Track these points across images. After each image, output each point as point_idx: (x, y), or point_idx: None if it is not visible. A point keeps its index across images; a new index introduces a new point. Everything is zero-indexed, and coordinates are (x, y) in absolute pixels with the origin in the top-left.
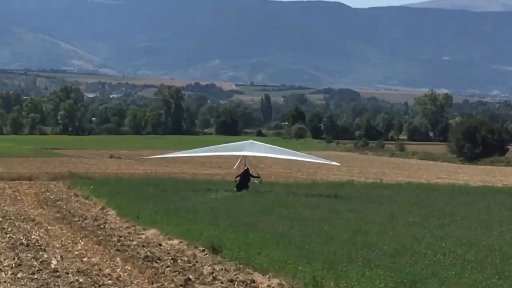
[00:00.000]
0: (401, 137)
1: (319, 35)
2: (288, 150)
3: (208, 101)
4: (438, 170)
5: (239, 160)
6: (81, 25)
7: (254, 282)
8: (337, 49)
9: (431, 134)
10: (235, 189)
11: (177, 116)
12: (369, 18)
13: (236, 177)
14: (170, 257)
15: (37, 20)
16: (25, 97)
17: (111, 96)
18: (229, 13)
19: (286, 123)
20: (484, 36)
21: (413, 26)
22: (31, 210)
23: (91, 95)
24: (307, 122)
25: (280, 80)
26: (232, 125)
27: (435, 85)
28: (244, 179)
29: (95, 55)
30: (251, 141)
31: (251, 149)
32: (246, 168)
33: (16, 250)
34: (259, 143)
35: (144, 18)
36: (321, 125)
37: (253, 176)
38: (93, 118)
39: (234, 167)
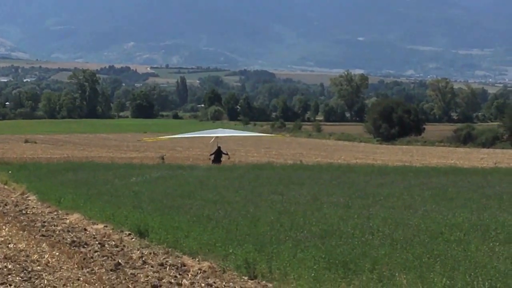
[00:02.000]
0: (318, 118)
1: (234, 16)
2: (245, 131)
3: (123, 84)
4: (355, 150)
5: (212, 140)
6: None
7: (184, 265)
8: (252, 31)
9: (347, 114)
10: (212, 163)
11: (92, 100)
12: None
13: (211, 155)
14: (97, 242)
15: None
16: None
17: (24, 80)
18: None
19: (203, 105)
20: (399, 17)
21: (328, 6)
22: None
23: (4, 80)
24: (224, 104)
25: (195, 62)
26: (148, 108)
27: (350, 65)
28: (217, 156)
29: (7, 38)
30: (221, 129)
31: (222, 132)
32: (218, 147)
33: None
34: (227, 129)
35: (57, 1)
36: (238, 107)
37: (224, 154)
38: (7, 103)
39: (211, 142)
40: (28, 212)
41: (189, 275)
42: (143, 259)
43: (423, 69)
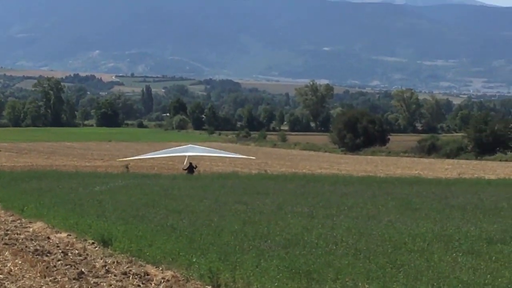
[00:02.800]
0: (283, 127)
1: (200, 26)
2: (216, 150)
3: (88, 93)
4: (320, 160)
5: (186, 159)
6: None
7: (148, 274)
8: (218, 40)
9: (312, 124)
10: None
11: (57, 108)
12: (250, 8)
13: (184, 169)
14: (60, 251)
15: None
16: None
17: None
18: (109, 3)
19: (168, 114)
20: (364, 27)
21: (293, 17)
22: None
23: None
24: (189, 113)
25: (161, 71)
26: (113, 116)
27: (316, 75)
28: (191, 171)
29: None
30: (191, 145)
31: (193, 150)
32: (190, 163)
33: None
34: (197, 146)
35: (22, 9)
36: (203, 116)
37: (194, 168)
38: None
39: (184, 164)
40: None
41: (152, 284)
42: (107, 268)
43: (388, 80)
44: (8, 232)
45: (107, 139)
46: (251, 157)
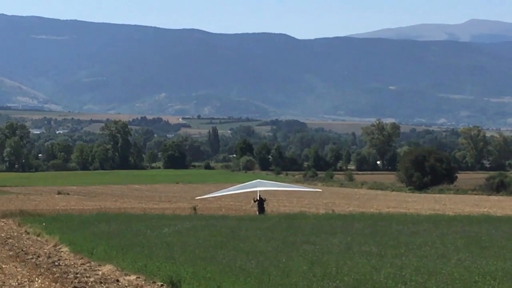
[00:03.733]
0: (350, 167)
1: (265, 67)
2: (284, 183)
3: (155, 135)
4: (388, 199)
5: (257, 193)
6: (25, 62)
7: None
8: (283, 81)
9: (379, 163)
10: (257, 213)
11: (124, 151)
12: (315, 49)
13: (254, 201)
14: None
15: None
16: None
17: (57, 132)
18: (174, 46)
19: (234, 155)
20: (429, 65)
21: (359, 56)
22: None
23: (37, 132)
24: (255, 154)
25: (227, 112)
26: (180, 158)
27: (382, 114)
28: (261, 205)
29: (40, 91)
30: (259, 180)
31: (262, 185)
32: (260, 197)
33: None
34: (265, 181)
35: (89, 53)
36: (269, 156)
37: (264, 200)
38: (40, 155)
39: (254, 199)
40: (60, 264)
41: None
42: None
43: (454, 117)
44: (78, 275)
45: (174, 181)
46: (318, 190)
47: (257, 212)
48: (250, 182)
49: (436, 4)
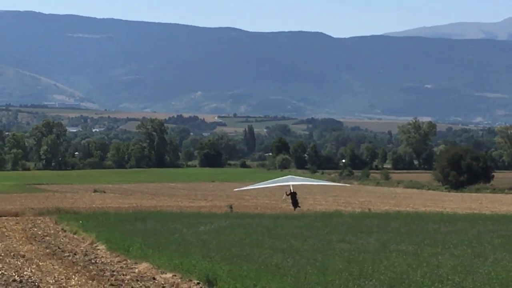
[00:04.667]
0: (386, 166)
1: (301, 65)
2: (314, 179)
3: (191, 134)
4: (424, 198)
5: (290, 187)
6: (62, 60)
7: None
8: (319, 79)
9: (415, 162)
10: (293, 209)
11: (160, 149)
12: (351, 48)
13: (287, 194)
14: None
15: (18, 55)
16: (7, 133)
17: (93, 130)
18: (210, 44)
19: (270, 154)
20: (466, 64)
21: (395, 54)
22: (20, 246)
23: (73, 130)
24: (291, 153)
25: (263, 111)
26: (216, 157)
27: (418, 113)
28: (294, 200)
29: (76, 89)
30: (291, 176)
31: (293, 180)
32: (293, 192)
33: (10, 287)
34: (297, 177)
35: (125, 52)
36: (305, 155)
37: (296, 194)
38: (76, 153)
39: (287, 193)
40: (97, 261)
41: None
42: None
43: (491, 116)
44: (114, 273)
45: (210, 179)
46: (346, 184)
47: (293, 208)
48: (283, 177)
49: (473, 2)
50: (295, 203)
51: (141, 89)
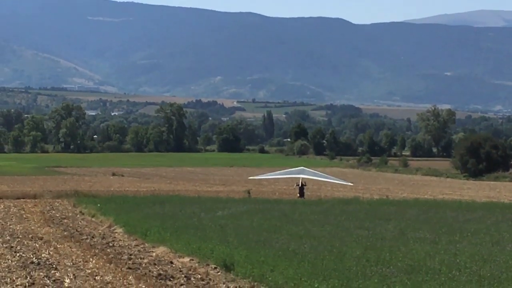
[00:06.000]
0: (404, 153)
1: (321, 51)
2: (324, 174)
3: (210, 118)
4: (442, 186)
5: (300, 180)
6: (81, 43)
7: None
8: (338, 65)
9: (434, 150)
10: (298, 196)
11: (179, 134)
12: (371, 34)
13: (295, 187)
14: (183, 275)
15: (38, 38)
16: (26, 115)
17: (112, 113)
18: (230, 29)
19: (289, 139)
20: (486, 51)
21: (415, 41)
22: (38, 229)
23: (93, 113)
24: (310, 139)
25: (282, 96)
26: (235, 142)
27: (437, 100)
28: (301, 191)
29: (96, 72)
30: (302, 167)
31: (304, 173)
32: (302, 183)
33: (28, 269)
34: (307, 169)
35: (145, 35)
36: (324, 141)
37: (304, 185)
38: (95, 136)
39: (297, 184)
40: (115, 245)
41: None
42: None
43: (511, 105)
44: (132, 256)
45: (229, 164)
46: (349, 183)
47: (298, 195)
48: (295, 168)
49: None
50: (301, 194)
51: (160, 73)
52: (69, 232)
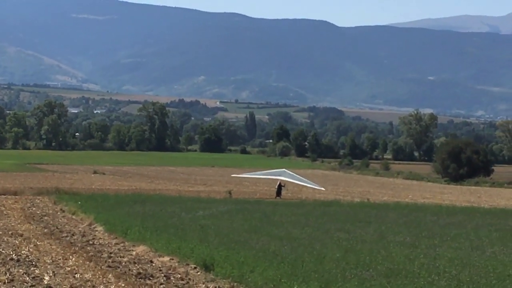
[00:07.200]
0: (386, 156)
1: (305, 53)
2: (303, 178)
3: (192, 118)
4: (423, 190)
5: (279, 181)
6: (65, 40)
7: None
8: (322, 68)
9: (416, 154)
10: (275, 195)
11: (161, 133)
12: (355, 37)
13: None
14: (162, 274)
15: (21, 35)
16: (8, 112)
17: (95, 111)
18: (214, 29)
19: (271, 141)
20: (470, 57)
21: (398, 45)
22: (18, 225)
23: (75, 111)
24: (292, 140)
25: (264, 97)
26: (217, 142)
27: (420, 104)
28: (279, 190)
29: (79, 70)
30: (284, 169)
31: (284, 175)
32: (281, 184)
33: (7, 266)
34: (288, 172)
35: (129, 34)
36: (306, 143)
37: (283, 186)
38: (77, 134)
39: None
40: (95, 243)
41: None
42: None
43: (493, 110)
44: (112, 254)
45: (210, 164)
46: (321, 188)
47: (275, 196)
48: (276, 170)
49: None
50: (278, 194)
51: (144, 72)
52: (49, 229)
